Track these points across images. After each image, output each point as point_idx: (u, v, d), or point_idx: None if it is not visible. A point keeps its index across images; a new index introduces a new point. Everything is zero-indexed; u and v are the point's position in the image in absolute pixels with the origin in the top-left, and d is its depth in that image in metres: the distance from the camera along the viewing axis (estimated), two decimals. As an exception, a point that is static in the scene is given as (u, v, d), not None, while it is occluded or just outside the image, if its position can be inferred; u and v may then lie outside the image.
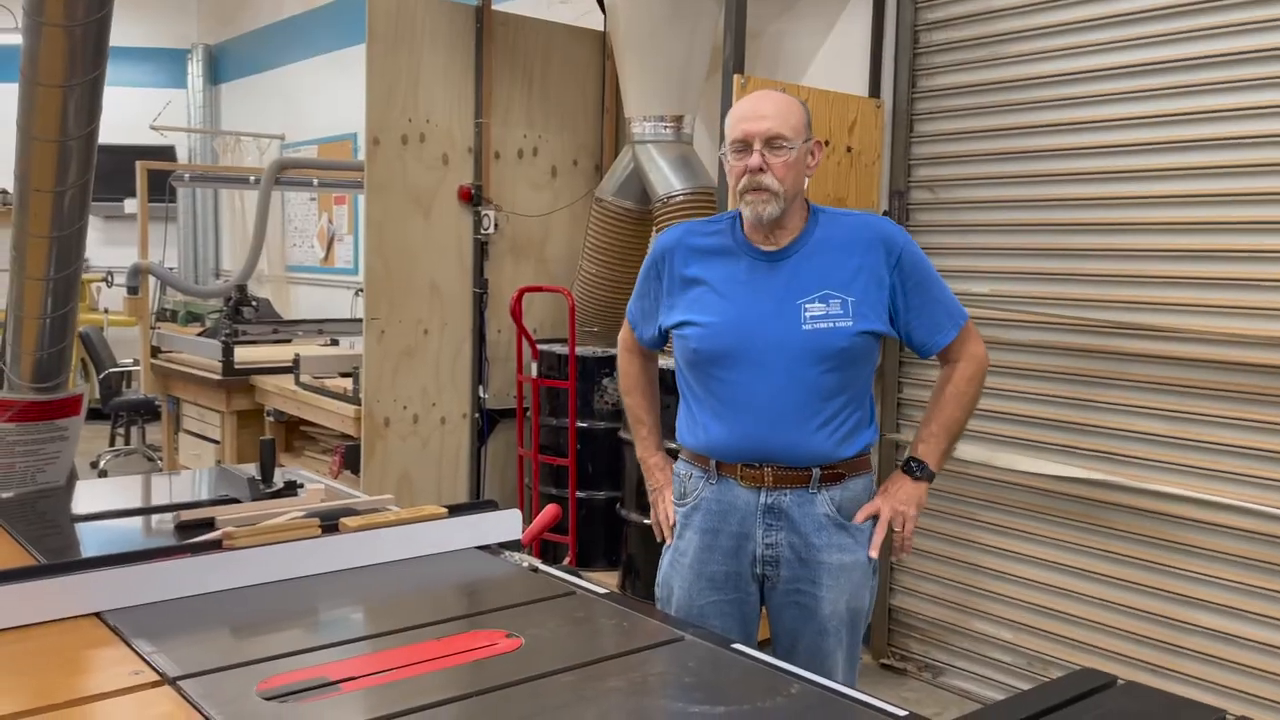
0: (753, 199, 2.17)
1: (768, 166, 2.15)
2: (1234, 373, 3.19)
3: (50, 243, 2.39)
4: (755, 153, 2.15)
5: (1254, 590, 3.16)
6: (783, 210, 2.17)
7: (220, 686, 1.38)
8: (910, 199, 3.96)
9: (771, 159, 2.15)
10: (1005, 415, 3.69)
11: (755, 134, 2.16)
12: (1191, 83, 3.24)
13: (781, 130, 2.16)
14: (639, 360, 2.50)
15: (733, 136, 2.19)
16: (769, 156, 2.15)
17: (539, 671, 1.45)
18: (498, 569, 1.95)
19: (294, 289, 8.49)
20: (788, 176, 2.17)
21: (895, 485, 2.30)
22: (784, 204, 2.17)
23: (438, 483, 4.68)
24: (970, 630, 3.86)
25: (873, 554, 2.26)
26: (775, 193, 2.16)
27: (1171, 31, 3.27)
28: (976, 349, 2.30)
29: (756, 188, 2.16)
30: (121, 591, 1.66)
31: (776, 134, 2.16)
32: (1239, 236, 3.17)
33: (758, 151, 2.15)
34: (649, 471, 2.46)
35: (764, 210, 2.16)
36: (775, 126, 2.16)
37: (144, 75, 9.43)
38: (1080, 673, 1.41)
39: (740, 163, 2.18)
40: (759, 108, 2.19)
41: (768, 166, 2.15)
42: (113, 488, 3.23)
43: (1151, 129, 3.33)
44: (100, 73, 2.22)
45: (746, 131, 2.17)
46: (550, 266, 4.94)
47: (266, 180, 5.99)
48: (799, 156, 2.19)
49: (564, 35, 4.97)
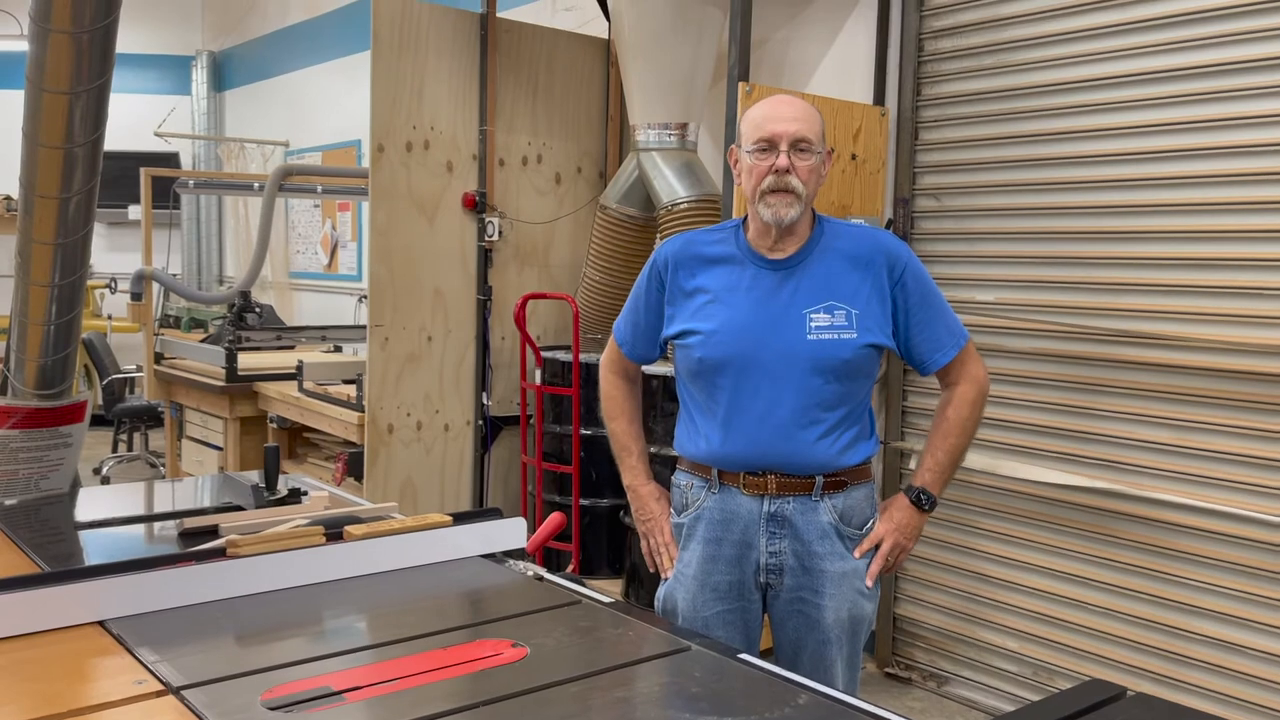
0: (775, 201, 2.15)
1: (793, 169, 2.14)
2: (1239, 381, 3.18)
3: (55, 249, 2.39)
4: (782, 154, 2.14)
5: (1259, 599, 3.15)
6: (800, 215, 2.17)
7: (224, 696, 1.37)
8: (915, 207, 3.96)
9: (797, 161, 2.15)
10: (1009, 423, 3.68)
11: (783, 135, 2.14)
12: (1197, 90, 3.23)
13: (808, 134, 2.15)
14: (624, 385, 2.46)
15: (758, 136, 2.17)
16: (795, 159, 2.14)
17: (545, 682, 1.44)
18: (502, 578, 1.94)
19: (298, 295, 8.50)
20: (810, 181, 2.16)
21: (899, 511, 2.28)
22: (803, 208, 2.17)
23: (441, 490, 4.67)
24: (975, 639, 3.84)
25: (869, 583, 2.25)
26: (799, 195, 2.15)
27: (1176, 40, 3.26)
28: (977, 371, 2.29)
29: (782, 189, 2.14)
30: (125, 600, 1.65)
31: (803, 137, 2.15)
32: (1245, 245, 3.17)
33: (784, 153, 2.14)
34: (642, 502, 2.40)
35: (786, 213, 2.15)
36: (802, 130, 2.15)
37: (148, 82, 9.45)
38: (1090, 684, 1.40)
39: (764, 163, 2.16)
40: (784, 110, 2.18)
41: (793, 169, 2.14)
42: (116, 495, 3.23)
43: (1156, 137, 3.33)
44: (106, 79, 2.22)
45: (774, 133, 2.15)
46: (554, 273, 4.94)
47: (270, 187, 5.99)
48: (820, 163, 2.19)
49: (568, 42, 4.97)
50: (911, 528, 2.27)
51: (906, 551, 2.29)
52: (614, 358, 2.45)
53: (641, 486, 2.41)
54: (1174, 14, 3.26)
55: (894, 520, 2.27)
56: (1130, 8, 3.36)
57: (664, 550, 2.37)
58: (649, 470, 2.43)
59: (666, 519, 2.37)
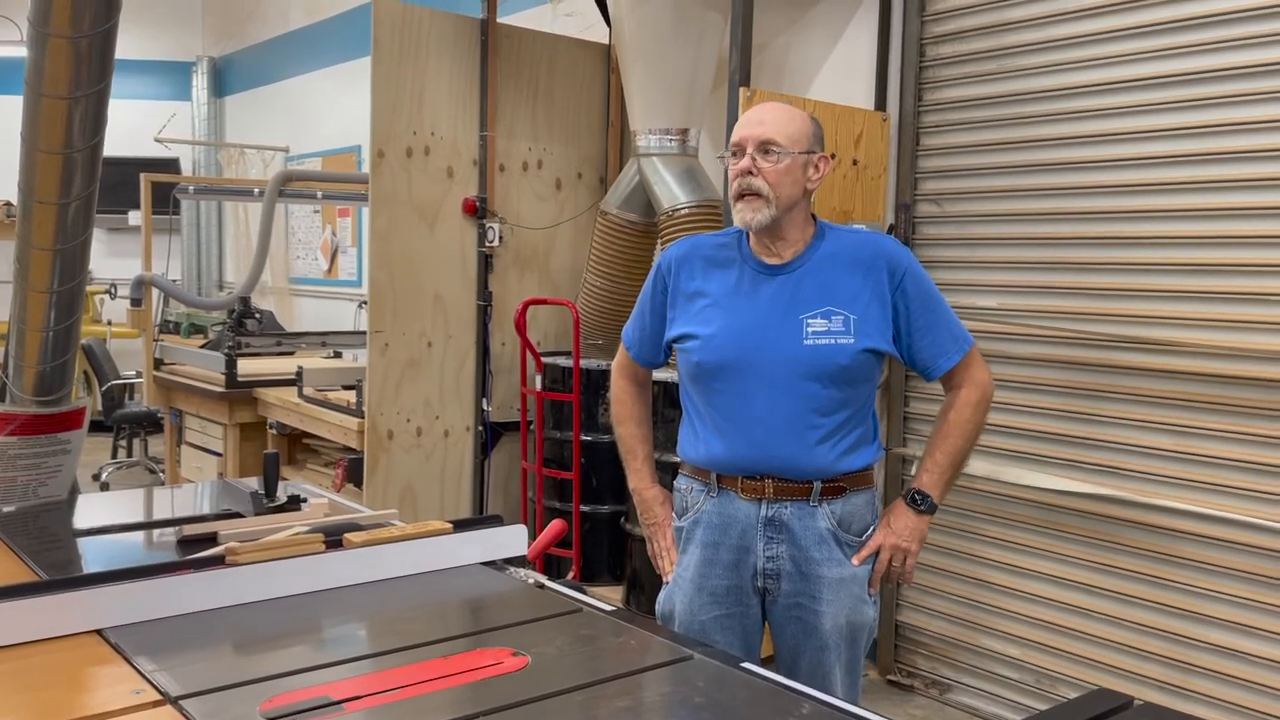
0: (743, 206, 2.18)
1: (757, 170, 2.16)
2: (1242, 387, 3.17)
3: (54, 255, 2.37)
4: (747, 155, 2.17)
5: (1265, 607, 3.14)
6: (774, 218, 2.17)
7: (222, 706, 1.36)
8: (916, 212, 3.95)
9: (762, 163, 2.16)
10: (1011, 430, 3.67)
11: (749, 138, 2.18)
12: (1200, 95, 3.22)
13: (775, 136, 2.16)
14: (634, 389, 2.46)
15: (731, 142, 2.23)
16: (760, 160, 2.16)
17: (546, 691, 1.43)
18: (503, 585, 1.93)
19: (297, 301, 8.49)
20: (780, 183, 2.16)
21: (897, 519, 2.27)
22: (775, 212, 2.16)
23: (440, 496, 4.66)
24: (977, 646, 3.83)
25: (872, 591, 2.24)
26: (765, 198, 2.15)
27: (1180, 45, 3.26)
28: (981, 375, 2.28)
29: (749, 191, 2.17)
30: (123, 608, 1.64)
31: (769, 139, 2.17)
32: (1249, 250, 3.16)
33: (749, 155, 2.17)
34: (646, 506, 2.41)
35: (753, 218, 2.16)
36: (769, 132, 2.17)
37: (148, 87, 9.45)
38: (1097, 693, 1.39)
39: (734, 167, 2.20)
40: (755, 115, 2.23)
41: (757, 170, 2.16)
42: (115, 501, 3.21)
43: (1159, 142, 3.32)
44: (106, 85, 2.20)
45: (741, 136, 2.20)
46: (554, 279, 4.93)
47: (270, 192, 5.98)
48: (793, 165, 2.18)
49: (569, 48, 4.97)
50: (910, 531, 2.25)
51: (912, 555, 2.27)
52: (623, 362, 2.46)
53: (646, 490, 2.42)
54: (1178, 19, 3.26)
55: (891, 527, 2.26)
56: (1133, 12, 3.35)
57: (665, 554, 2.36)
58: (654, 474, 2.44)
59: (669, 523, 2.37)
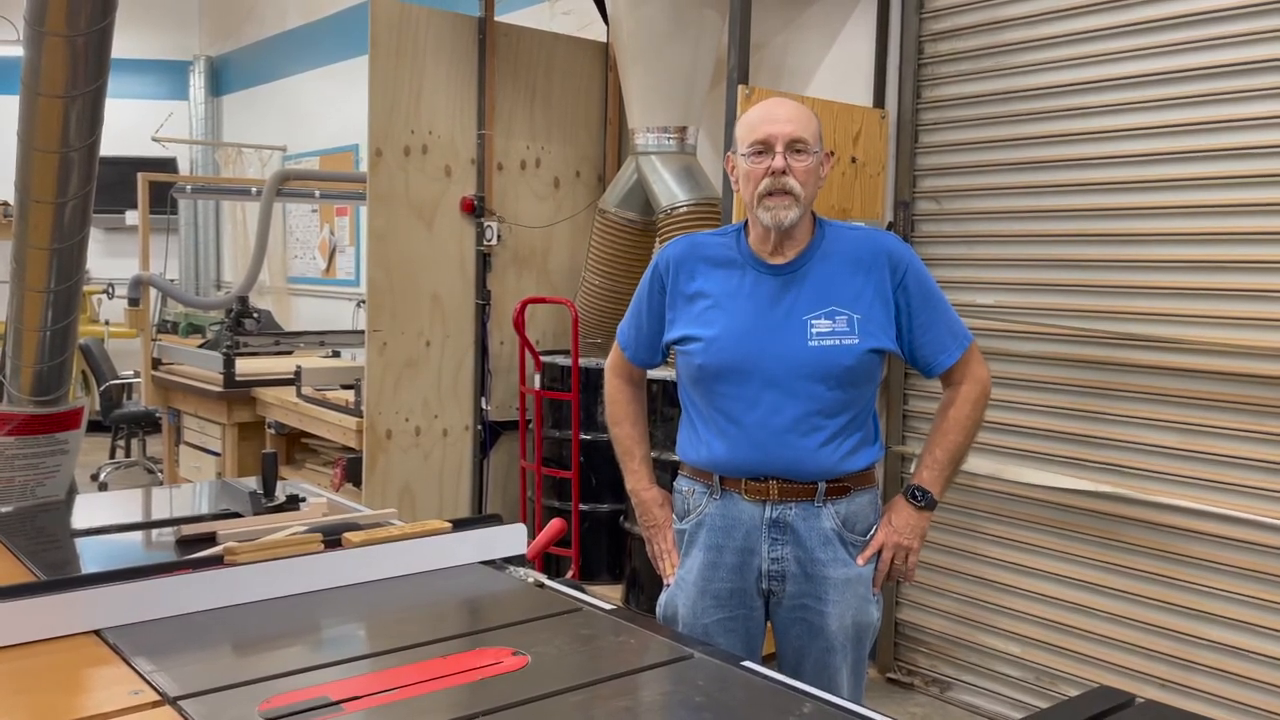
0: (774, 204, 2.13)
1: (790, 170, 2.12)
2: (1243, 384, 3.16)
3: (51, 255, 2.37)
4: (778, 155, 2.12)
5: (1268, 604, 3.13)
6: (799, 217, 2.15)
7: (221, 707, 1.36)
8: (915, 210, 3.95)
9: (794, 162, 2.13)
10: (1013, 428, 3.67)
11: (778, 136, 2.13)
12: (1199, 93, 3.22)
13: (803, 134, 2.14)
14: (629, 389, 2.43)
15: (753, 139, 2.15)
16: (791, 160, 2.13)
17: (546, 691, 1.42)
18: (502, 585, 1.92)
19: (295, 301, 8.48)
20: (808, 181, 2.15)
21: (898, 515, 2.26)
22: (802, 211, 2.15)
23: (439, 495, 4.65)
24: (978, 644, 3.82)
25: (876, 590, 2.24)
26: (797, 196, 2.13)
27: (1178, 42, 3.25)
28: (980, 371, 2.27)
29: (780, 190, 2.12)
30: (121, 608, 1.63)
31: (799, 137, 2.13)
32: (1248, 247, 3.15)
33: (780, 154, 2.12)
34: (645, 507, 2.39)
35: (784, 215, 2.13)
36: (798, 130, 2.13)
37: (145, 87, 9.43)
38: (1098, 691, 1.38)
39: (761, 165, 2.14)
40: (778, 112, 2.17)
41: (790, 170, 2.12)
42: (113, 501, 3.21)
43: (1159, 139, 3.31)
44: (102, 84, 2.20)
45: (770, 134, 2.13)
46: (553, 278, 4.92)
47: (268, 192, 5.97)
48: (816, 163, 2.17)
49: (566, 46, 4.96)
50: (911, 528, 2.25)
51: (914, 552, 2.26)
52: (617, 361, 2.43)
53: (644, 491, 2.39)
54: (1176, 15, 3.25)
55: (892, 524, 2.25)
56: (1132, 9, 3.34)
57: (666, 556, 2.35)
58: (652, 475, 2.42)
59: (669, 525, 2.35)
